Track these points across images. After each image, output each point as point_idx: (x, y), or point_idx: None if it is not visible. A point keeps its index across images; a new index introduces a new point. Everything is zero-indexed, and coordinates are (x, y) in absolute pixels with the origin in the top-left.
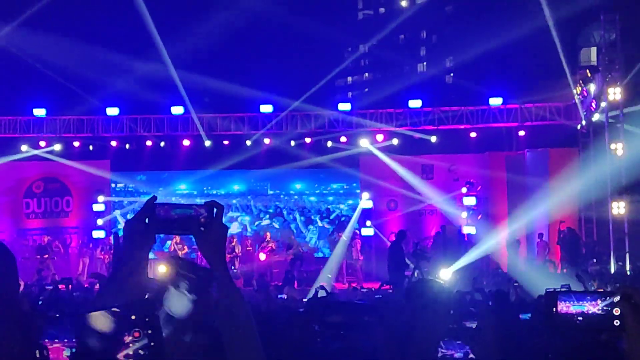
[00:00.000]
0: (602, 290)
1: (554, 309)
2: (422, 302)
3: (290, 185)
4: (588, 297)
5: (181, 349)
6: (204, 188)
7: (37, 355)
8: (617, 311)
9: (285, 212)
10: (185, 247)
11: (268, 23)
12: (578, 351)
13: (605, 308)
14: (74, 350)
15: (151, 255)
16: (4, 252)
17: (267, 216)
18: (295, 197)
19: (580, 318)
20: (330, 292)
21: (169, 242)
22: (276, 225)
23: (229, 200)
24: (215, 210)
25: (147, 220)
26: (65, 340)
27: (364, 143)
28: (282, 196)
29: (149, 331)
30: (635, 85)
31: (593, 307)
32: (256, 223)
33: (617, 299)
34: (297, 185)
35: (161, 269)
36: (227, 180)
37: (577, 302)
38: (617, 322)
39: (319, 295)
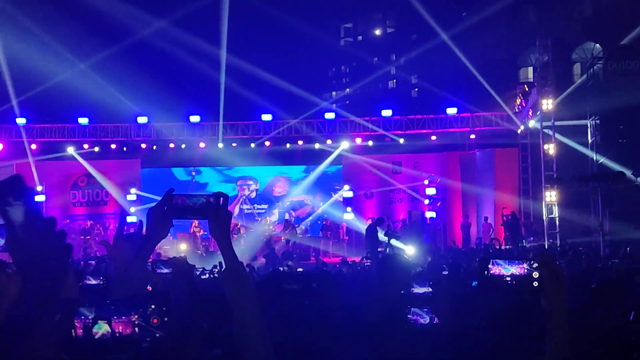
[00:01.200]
0: (526, 257)
1: (486, 272)
2: (389, 271)
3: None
4: (516, 262)
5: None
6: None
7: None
8: (536, 274)
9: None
10: (202, 229)
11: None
12: (507, 308)
13: (528, 271)
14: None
15: None
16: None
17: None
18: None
19: (509, 279)
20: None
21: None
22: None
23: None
24: (221, 199)
25: (165, 208)
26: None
27: (345, 145)
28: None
29: (165, 319)
30: (564, 103)
31: (519, 271)
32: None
33: (537, 264)
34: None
35: (182, 247)
36: (234, 172)
37: (507, 266)
38: (536, 284)
39: (283, 269)
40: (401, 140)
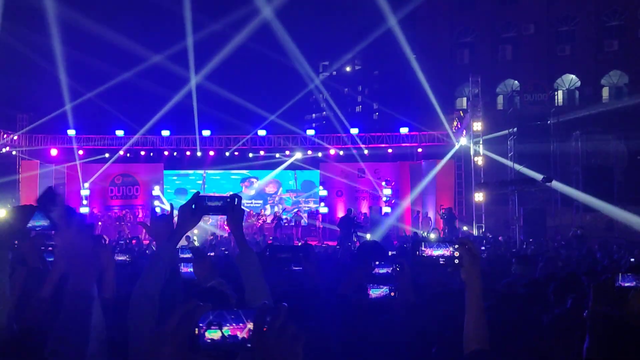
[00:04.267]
0: (450, 240)
1: (417, 252)
2: (369, 252)
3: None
4: (442, 245)
5: None
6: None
7: None
8: (457, 254)
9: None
10: (210, 218)
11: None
12: (440, 282)
13: (452, 252)
14: None
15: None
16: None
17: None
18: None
19: (438, 258)
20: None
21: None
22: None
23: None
24: (237, 199)
25: (193, 207)
26: None
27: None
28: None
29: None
30: (490, 125)
31: (446, 252)
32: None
33: (457, 245)
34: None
35: (195, 231)
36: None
37: (437, 249)
38: (456, 261)
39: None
40: (365, 152)
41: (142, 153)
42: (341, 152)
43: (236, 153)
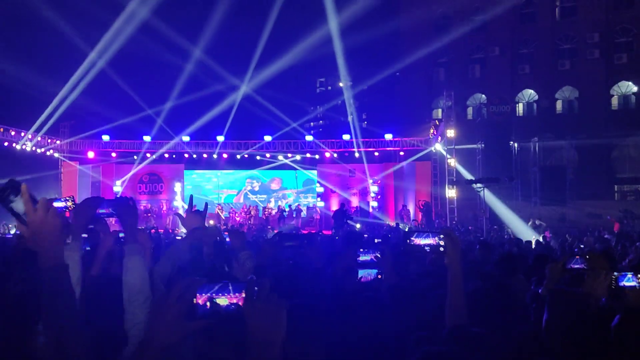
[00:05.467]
0: (437, 232)
1: (409, 241)
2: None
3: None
4: (429, 235)
5: None
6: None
7: None
8: (442, 242)
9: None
10: (223, 210)
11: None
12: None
13: (436, 241)
14: None
15: None
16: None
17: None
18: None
19: (424, 247)
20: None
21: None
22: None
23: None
24: (129, 202)
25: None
26: None
27: (317, 157)
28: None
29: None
30: (461, 133)
31: (432, 241)
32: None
33: (442, 236)
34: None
35: (211, 222)
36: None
37: (424, 239)
38: (442, 249)
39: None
40: (356, 154)
41: (166, 155)
42: (335, 155)
43: (246, 155)
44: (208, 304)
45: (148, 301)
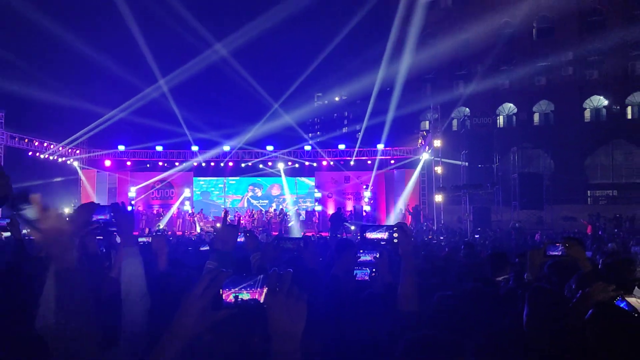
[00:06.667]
0: (391, 225)
1: (365, 235)
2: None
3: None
4: (385, 228)
5: None
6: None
7: None
8: (395, 235)
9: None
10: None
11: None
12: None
13: (390, 234)
14: None
15: None
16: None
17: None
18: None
19: (380, 240)
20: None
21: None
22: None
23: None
24: (120, 208)
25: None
26: None
27: (314, 164)
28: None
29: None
30: (447, 143)
31: (386, 235)
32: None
33: (396, 229)
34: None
35: (217, 225)
36: (249, 179)
37: (379, 232)
38: (395, 241)
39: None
40: (351, 162)
41: (177, 164)
42: (332, 163)
43: (250, 164)
44: (232, 297)
45: (145, 298)
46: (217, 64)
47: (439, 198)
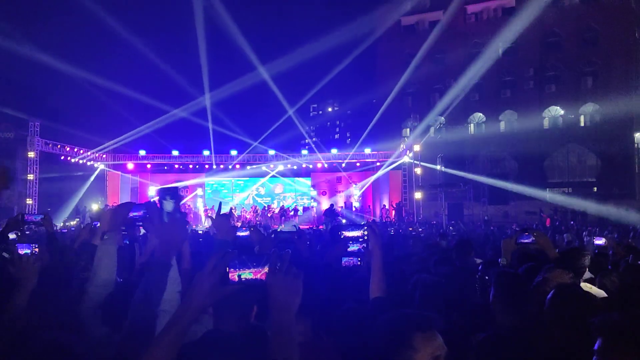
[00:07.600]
0: (362, 223)
1: (340, 234)
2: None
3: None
4: (356, 228)
5: None
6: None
7: None
8: (365, 232)
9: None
10: (235, 209)
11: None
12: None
13: (363, 232)
14: None
15: None
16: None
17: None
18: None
19: (350, 237)
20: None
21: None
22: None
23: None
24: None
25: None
26: None
27: (310, 166)
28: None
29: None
30: (426, 147)
31: (359, 232)
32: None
33: (366, 227)
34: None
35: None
36: (251, 182)
37: (352, 232)
38: (365, 237)
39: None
40: (343, 164)
41: (190, 166)
42: (326, 165)
43: (254, 166)
44: (236, 276)
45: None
46: (246, 82)
47: (418, 195)
